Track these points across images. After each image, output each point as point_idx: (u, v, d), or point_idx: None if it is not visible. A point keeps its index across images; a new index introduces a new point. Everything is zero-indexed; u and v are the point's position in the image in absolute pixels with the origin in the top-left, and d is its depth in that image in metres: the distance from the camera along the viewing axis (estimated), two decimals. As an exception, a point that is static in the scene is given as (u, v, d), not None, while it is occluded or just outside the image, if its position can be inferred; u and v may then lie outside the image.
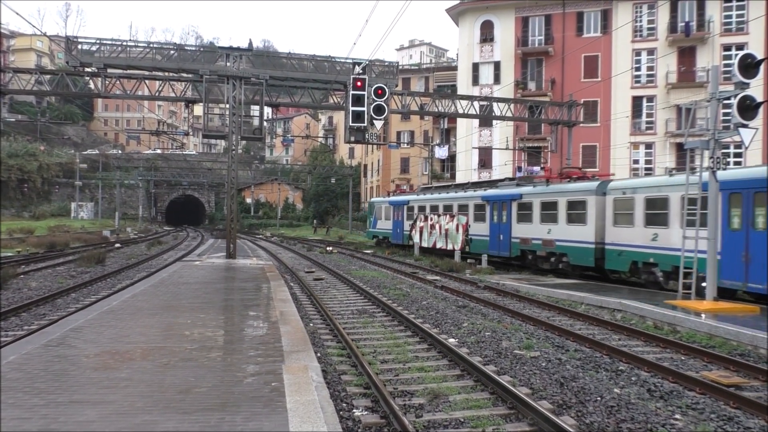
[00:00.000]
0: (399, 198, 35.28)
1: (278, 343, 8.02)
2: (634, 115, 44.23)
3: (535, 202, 21.81)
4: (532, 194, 22.16)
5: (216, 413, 5.05)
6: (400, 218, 34.10)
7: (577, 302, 14.85)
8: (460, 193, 28.15)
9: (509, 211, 23.30)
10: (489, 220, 24.94)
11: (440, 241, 29.13)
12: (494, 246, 24.48)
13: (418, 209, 31.81)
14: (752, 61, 13.04)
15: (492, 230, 24.67)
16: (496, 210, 24.44)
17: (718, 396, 7.25)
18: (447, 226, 28.38)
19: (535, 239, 21.71)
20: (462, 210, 27.27)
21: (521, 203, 22.66)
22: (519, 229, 22.76)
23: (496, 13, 48.14)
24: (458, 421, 6.26)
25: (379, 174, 71.47)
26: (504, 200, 23.87)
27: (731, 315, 11.88)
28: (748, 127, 13.07)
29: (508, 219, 23.40)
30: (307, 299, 15.52)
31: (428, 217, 30.45)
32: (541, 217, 21.37)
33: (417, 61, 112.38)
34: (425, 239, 30.89)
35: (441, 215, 29.12)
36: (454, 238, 27.74)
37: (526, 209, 22.35)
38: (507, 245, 23.43)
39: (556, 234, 20.54)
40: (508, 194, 23.59)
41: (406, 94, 29.14)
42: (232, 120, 23.13)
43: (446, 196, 29.17)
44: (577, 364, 8.71)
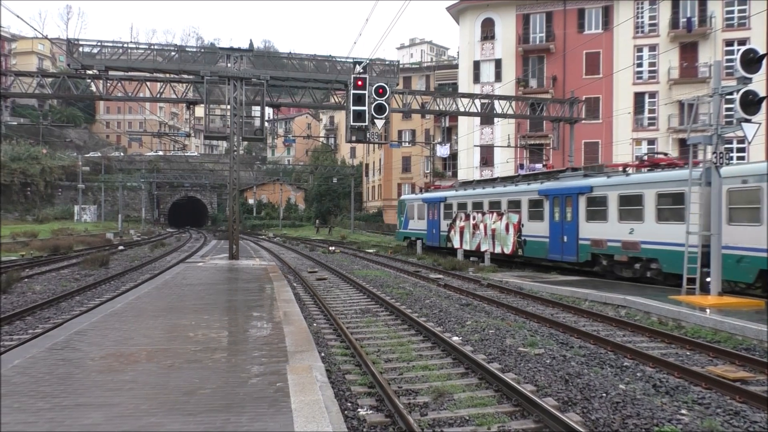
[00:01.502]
0: (434, 195, 31.18)
1: (282, 344, 8.01)
2: (636, 111, 44.15)
3: (610, 196, 18.12)
4: (606, 186, 18.47)
5: (221, 414, 5.05)
6: (436, 217, 30.20)
7: (581, 299, 14.82)
8: (509, 187, 24.09)
9: (575, 206, 19.70)
10: (548, 218, 21.13)
11: (485, 243, 25.29)
12: (556, 249, 20.66)
13: (458, 207, 27.90)
14: (754, 56, 13.02)
15: (552, 230, 20.92)
16: (557, 206, 20.71)
17: (724, 391, 7.23)
18: (494, 225, 24.61)
19: (611, 241, 18.00)
20: (513, 207, 23.34)
21: (591, 197, 19.04)
22: (588, 228, 19.12)
23: (496, 11, 48.07)
24: (463, 419, 6.25)
25: (381, 173, 71.46)
26: (568, 194, 20.15)
27: (736, 310, 11.85)
28: (751, 122, 13.04)
29: (573, 216, 19.74)
30: (310, 299, 15.52)
31: (470, 215, 26.62)
32: (620, 213, 17.71)
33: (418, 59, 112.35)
34: (467, 241, 26.98)
35: (486, 213, 25.26)
36: (503, 239, 23.92)
37: (598, 204, 18.77)
38: (573, 248, 19.73)
39: (642, 234, 16.79)
40: (574, 186, 19.92)
41: (407, 92, 29.14)
42: (233, 121, 23.14)
43: (492, 191, 25.19)
44: (582, 361, 8.69)
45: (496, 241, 24.39)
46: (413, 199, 33.74)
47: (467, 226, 26.94)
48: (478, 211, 26.05)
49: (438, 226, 29.94)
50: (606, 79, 43.64)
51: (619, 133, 43.72)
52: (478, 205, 26.08)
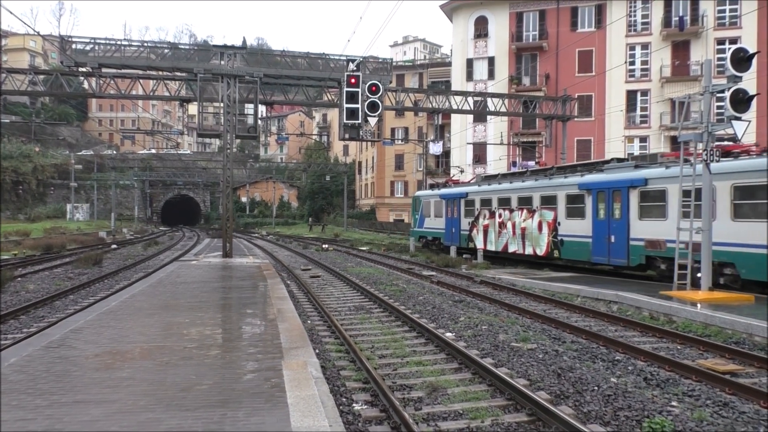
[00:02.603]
0: (454, 190, 28.48)
1: (277, 340, 8.07)
2: (629, 109, 44.36)
3: (671, 190, 15.76)
4: (665, 178, 16.06)
5: (218, 410, 5.10)
6: (456, 215, 27.62)
7: (573, 295, 14.95)
8: (542, 181, 21.57)
9: (625, 202, 17.34)
10: (592, 216, 18.73)
11: (514, 243, 22.84)
12: (601, 250, 18.24)
13: (481, 203, 25.37)
14: (744, 54, 13.14)
15: (597, 229, 18.50)
16: (602, 201, 18.32)
17: (714, 383, 7.34)
18: (524, 224, 22.16)
19: (672, 242, 15.18)
20: (547, 203, 20.98)
21: (646, 191, 16.72)
22: (642, 227, 16.77)
23: (490, 9, 48.16)
24: (457, 413, 6.33)
25: (374, 171, 71.52)
26: (616, 187, 17.78)
27: (726, 304, 11.99)
28: (741, 119, 13.17)
29: (623, 213, 17.37)
30: (304, 297, 15.57)
31: (495, 212, 24.13)
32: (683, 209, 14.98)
33: (411, 57, 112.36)
34: (492, 241, 24.43)
35: (515, 210, 22.79)
36: (535, 239, 21.54)
37: (654, 199, 16.48)
38: (622, 250, 17.27)
39: (713, 234, 14.00)
40: (624, 179, 17.50)
41: (400, 90, 29.19)
42: (226, 119, 23.14)
43: (522, 186, 22.64)
44: (574, 355, 8.80)
45: (527, 241, 22.01)
46: (429, 196, 31.17)
47: (492, 224, 24.43)
48: (504, 207, 23.55)
49: (458, 225, 27.49)
50: (599, 77, 43.83)
51: (611, 131, 43.94)
52: (505, 201, 23.59)
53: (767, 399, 6.58)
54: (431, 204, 30.65)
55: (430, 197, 30.85)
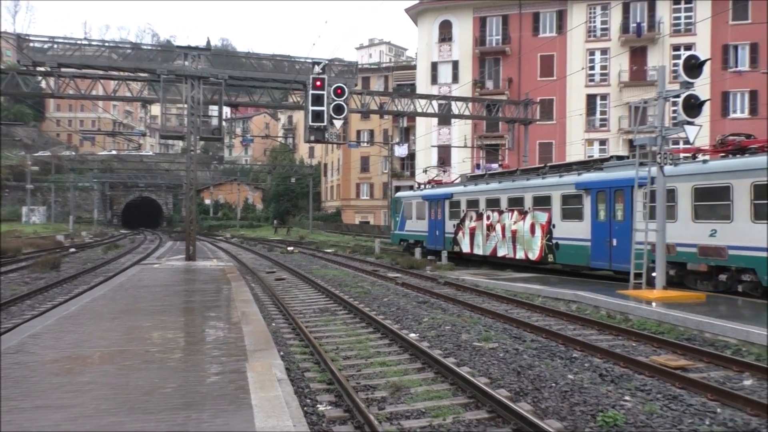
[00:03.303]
0: (437, 191, 27.17)
1: (241, 343, 8.09)
2: (589, 113, 45.42)
3: (681, 189, 14.68)
4: (674, 176, 14.65)
5: (182, 412, 5.12)
6: (440, 217, 26.21)
7: (534, 295, 15.27)
8: (535, 181, 20.45)
9: (628, 202, 16.10)
10: (590, 217, 17.53)
11: (503, 247, 21.60)
12: (601, 255, 16.91)
13: (467, 204, 24.03)
14: (696, 61, 13.64)
15: (596, 232, 17.26)
16: (603, 202, 17.08)
17: (665, 378, 7.65)
18: (515, 226, 20.95)
19: (683, 245, 14.51)
20: (540, 203, 19.82)
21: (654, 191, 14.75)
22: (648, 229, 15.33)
23: (454, 13, 48.73)
24: (420, 412, 6.46)
25: (340, 173, 71.50)
26: (619, 187, 16.53)
27: (679, 302, 12.43)
28: (693, 124, 13.68)
29: (626, 215, 16.10)
30: (268, 299, 15.54)
31: (483, 214, 22.84)
32: (696, 210, 14.32)
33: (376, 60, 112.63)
34: (479, 245, 23.11)
35: (504, 211, 21.59)
36: (526, 243, 20.33)
37: None
38: (626, 254, 15.61)
39: (730, 237, 13.39)
40: (629, 178, 15.83)
41: (365, 93, 29.35)
42: (190, 120, 22.91)
43: (512, 186, 21.48)
44: (534, 354, 9.04)
45: (518, 244, 20.82)
46: (411, 197, 29.72)
47: (479, 227, 23.13)
48: (493, 209, 22.32)
49: (442, 227, 26.07)
50: (560, 82, 44.75)
51: (572, 134, 44.90)
52: (494, 202, 22.34)
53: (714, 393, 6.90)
54: (413, 205, 29.28)
55: (412, 198, 29.53)
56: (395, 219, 31.77)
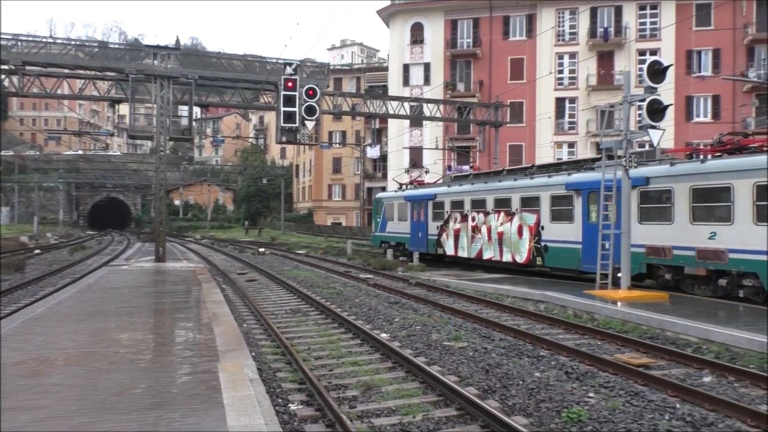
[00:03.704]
0: (420, 191, 26.36)
1: (212, 344, 8.09)
2: (558, 116, 46.13)
3: (678, 189, 14.14)
4: (670, 176, 14.42)
5: (153, 412, 5.14)
6: (423, 218, 25.43)
7: (504, 295, 15.51)
8: (522, 181, 19.80)
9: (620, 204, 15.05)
10: (582, 219, 16.93)
11: (489, 249, 20.91)
12: (593, 258, 15.82)
13: (452, 205, 23.35)
14: (659, 67, 14.02)
15: (588, 234, 16.62)
16: (595, 203, 16.43)
17: (628, 375, 7.89)
18: (501, 228, 20.28)
19: (680, 248, 13.98)
20: (528, 204, 19.19)
21: (647, 191, 15.06)
22: (642, 232, 14.99)
23: (426, 16, 49.04)
24: (390, 410, 6.57)
25: (312, 174, 71.33)
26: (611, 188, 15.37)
27: (643, 302, 12.78)
28: (657, 128, 14.06)
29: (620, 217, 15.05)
30: (240, 300, 15.49)
31: (468, 215, 22.15)
32: (694, 212, 13.75)
33: (348, 61, 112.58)
34: (463, 247, 22.48)
35: (490, 213, 20.92)
36: (514, 245, 19.70)
37: (657, 200, 14.89)
38: (620, 257, 14.70)
39: (731, 240, 12.85)
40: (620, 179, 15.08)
41: (337, 94, 29.37)
42: (159, 120, 22.66)
43: (499, 186, 20.80)
44: (502, 353, 9.22)
45: (505, 247, 20.15)
46: (393, 197, 28.91)
47: (464, 228, 22.45)
48: (479, 210, 21.64)
49: (425, 229, 25.30)
50: (529, 85, 45.36)
51: (541, 137, 45.53)
52: (480, 203, 21.64)
53: (674, 389, 7.15)
54: (395, 206, 28.40)
55: (394, 199, 28.72)
56: (376, 220, 30.79)
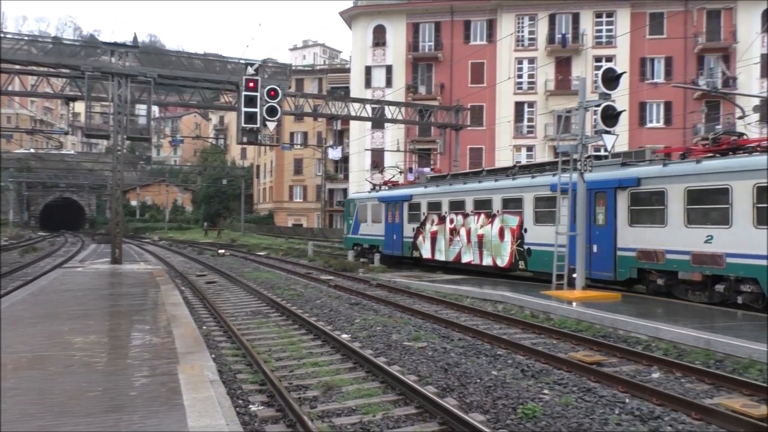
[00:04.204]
0: (395, 192, 25.56)
1: (172, 346, 8.04)
2: (517, 120, 46.95)
3: (671, 191, 13.55)
4: (663, 177, 13.86)
5: (112, 414, 5.12)
6: (398, 220, 24.56)
7: (463, 296, 15.76)
8: (504, 182, 19.08)
9: (611, 205, 15.01)
10: (569, 222, 15.61)
11: (468, 253, 20.22)
12: None
13: (429, 207, 22.62)
14: (613, 74, 14.50)
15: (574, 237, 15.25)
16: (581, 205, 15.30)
17: (582, 372, 8.16)
18: (481, 230, 19.56)
19: (674, 252, 13.41)
20: (510, 206, 18.47)
21: (638, 192, 14.44)
22: (633, 235, 14.45)
23: (388, 18, 49.31)
24: (351, 409, 6.66)
25: (272, 175, 70.81)
26: (601, 189, 15.34)
27: (597, 302, 13.18)
28: (610, 133, 14.52)
29: (609, 219, 15.06)
30: (199, 303, 15.33)
31: (446, 217, 21.41)
32: (688, 214, 13.17)
33: (310, 61, 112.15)
34: (441, 250, 21.70)
35: (470, 215, 20.16)
36: (495, 248, 18.96)
37: (648, 202, 14.25)
38: (608, 261, 14.94)
39: (729, 243, 12.28)
40: (611, 179, 15.11)
41: (299, 95, 29.33)
42: (117, 119, 22.23)
43: (479, 187, 20.10)
44: (461, 352, 9.41)
45: (485, 250, 19.40)
46: (366, 198, 27.83)
47: (441, 230, 21.67)
48: (457, 211, 20.91)
49: (400, 231, 24.45)
50: (489, 89, 46.06)
51: (501, 140, 46.30)
52: (458, 205, 20.93)
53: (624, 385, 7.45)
54: (368, 208, 27.34)
55: (367, 200, 27.67)
56: (348, 222, 29.55)
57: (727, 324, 10.47)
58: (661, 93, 44.14)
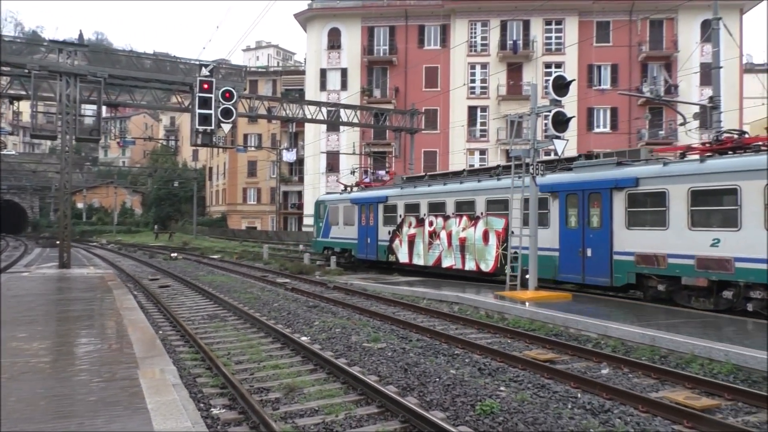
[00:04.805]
0: (370, 194, 24.42)
1: (130, 350, 7.95)
2: (470, 124, 47.73)
3: (673, 191, 12.79)
4: (664, 177, 13.09)
5: (74, 419, 5.06)
6: (372, 222, 23.40)
7: (420, 297, 15.99)
8: (487, 182, 18.11)
9: (607, 207, 14.22)
10: (559, 224, 15.58)
11: (449, 257, 19.27)
12: (571, 266, 15.09)
13: (405, 209, 21.59)
14: (563, 81, 14.99)
15: (566, 241, 15.36)
16: (574, 207, 15.23)
17: (536, 370, 8.46)
18: (463, 233, 18.65)
19: (676, 256, 12.65)
20: (495, 208, 17.57)
21: (636, 193, 13.68)
22: (630, 238, 13.68)
23: (343, 21, 49.41)
24: (313, 410, 6.74)
25: (226, 177, 69.85)
26: (596, 189, 14.57)
27: (549, 302, 13.59)
28: (561, 138, 15.01)
29: (604, 221, 14.28)
30: (153, 307, 15.08)
31: (425, 220, 20.46)
32: (692, 216, 12.41)
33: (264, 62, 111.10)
34: (419, 254, 20.69)
35: (451, 217, 19.27)
36: (479, 252, 18.05)
37: (648, 203, 13.51)
38: (603, 266, 14.19)
39: (738, 247, 11.60)
40: (606, 180, 14.32)
41: (254, 97, 29.10)
42: (64, 119, 21.61)
43: (461, 188, 19.11)
44: (419, 352, 9.60)
45: (468, 254, 18.45)
46: (338, 200, 26.58)
47: (420, 234, 20.67)
48: (437, 214, 19.93)
49: (375, 235, 23.27)
50: (443, 93, 46.68)
51: (454, 144, 46.97)
52: (438, 207, 19.95)
53: (576, 381, 7.77)
54: (339, 210, 26.02)
55: (339, 202, 26.37)
56: (318, 225, 28.16)
57: (670, 321, 10.98)
58: (607, 99, 45.64)
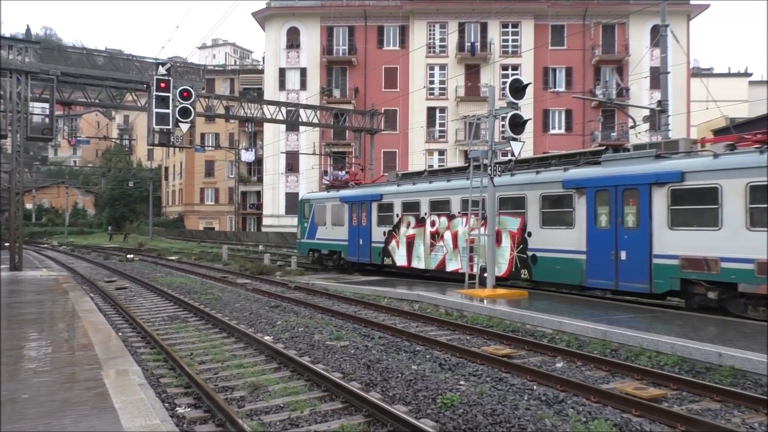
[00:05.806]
0: (362, 191, 22.51)
1: (91, 352, 7.93)
2: (429, 125, 48.26)
3: (728, 187, 11.34)
4: (714, 171, 11.62)
5: (41, 420, 5.09)
6: (365, 223, 21.69)
7: (381, 296, 16.21)
8: (501, 178, 16.05)
9: (645, 205, 12.69)
10: (587, 224, 13.94)
11: (455, 260, 17.70)
12: (602, 271, 13.53)
13: (403, 207, 19.98)
14: (520, 85, 15.43)
15: (594, 242, 13.75)
16: (604, 205, 13.60)
17: (494, 364, 8.78)
18: (471, 235, 16.88)
19: (731, 260, 11.15)
20: (508, 206, 16.19)
21: (682, 190, 12.10)
22: (675, 240, 12.14)
23: (302, 21, 49.30)
24: (278, 407, 6.87)
25: (182, 177, 68.79)
26: (631, 185, 13.01)
27: (506, 299, 13.99)
28: (518, 140, 15.44)
29: (642, 221, 12.74)
30: (112, 309, 14.88)
31: (426, 219, 18.89)
32: (752, 215, 10.92)
33: (220, 61, 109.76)
34: (419, 257, 19.14)
35: (456, 216, 17.71)
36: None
37: (696, 201, 11.89)
38: (641, 271, 12.66)
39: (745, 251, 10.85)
40: (645, 174, 12.78)
41: (212, 97, 28.85)
42: (15, 118, 21.04)
43: (467, 185, 16.65)
44: (381, 349, 9.82)
45: (476, 257, 16.41)
46: (325, 198, 24.62)
47: (420, 235, 19.14)
48: (440, 213, 18.38)
49: (368, 235, 21.57)
50: (403, 94, 47.08)
51: (414, 144, 47.43)
52: (441, 205, 18.39)
53: (532, 374, 8.10)
54: (327, 209, 24.13)
55: (326, 200, 24.41)
56: (303, 225, 26.12)
57: (620, 317, 11.48)
58: (562, 101, 46.79)
